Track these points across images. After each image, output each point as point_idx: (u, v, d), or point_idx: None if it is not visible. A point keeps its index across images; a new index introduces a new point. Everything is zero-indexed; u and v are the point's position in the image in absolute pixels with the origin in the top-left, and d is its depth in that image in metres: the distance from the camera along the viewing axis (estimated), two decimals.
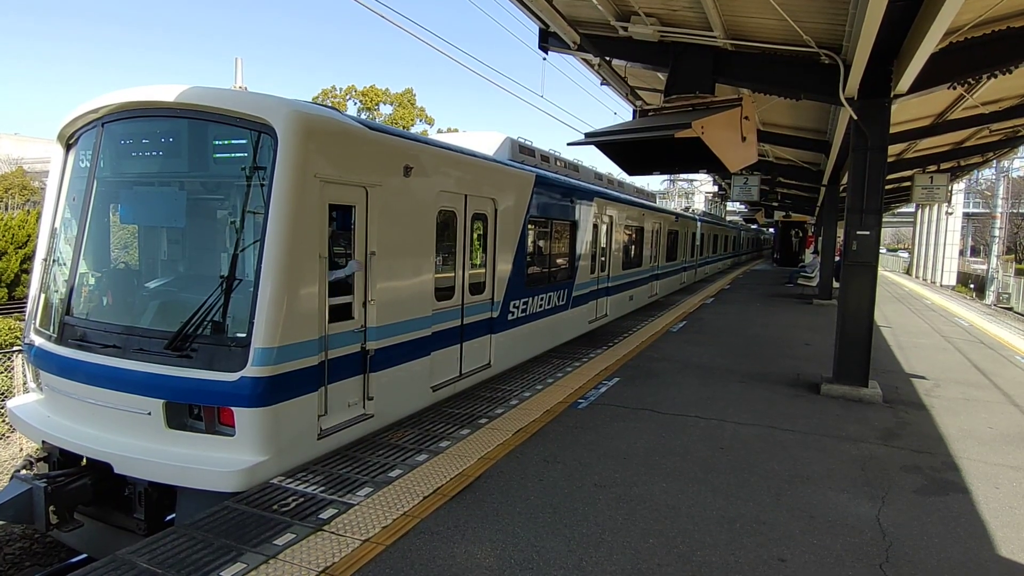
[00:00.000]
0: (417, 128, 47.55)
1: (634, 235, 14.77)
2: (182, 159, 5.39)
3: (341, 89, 48.40)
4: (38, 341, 5.52)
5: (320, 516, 4.20)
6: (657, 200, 21.42)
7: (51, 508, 4.65)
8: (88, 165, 5.52)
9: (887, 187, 8.17)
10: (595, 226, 11.46)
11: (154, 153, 5.50)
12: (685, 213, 24.79)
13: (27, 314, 5.86)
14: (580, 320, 11.18)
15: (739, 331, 12.86)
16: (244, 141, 4.86)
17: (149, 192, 5.59)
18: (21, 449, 9.23)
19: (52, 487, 4.67)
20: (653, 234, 16.37)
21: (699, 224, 24.62)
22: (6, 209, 38.79)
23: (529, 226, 8.69)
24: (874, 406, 7.38)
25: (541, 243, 9.58)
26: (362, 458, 5.20)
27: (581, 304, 11.10)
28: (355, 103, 48.42)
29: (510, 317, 8.31)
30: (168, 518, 4.92)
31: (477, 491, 4.68)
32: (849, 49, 7.09)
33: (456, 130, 52.80)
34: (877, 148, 7.45)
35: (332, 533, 3.99)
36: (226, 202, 5.15)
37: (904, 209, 42.38)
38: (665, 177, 55.18)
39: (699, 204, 52.08)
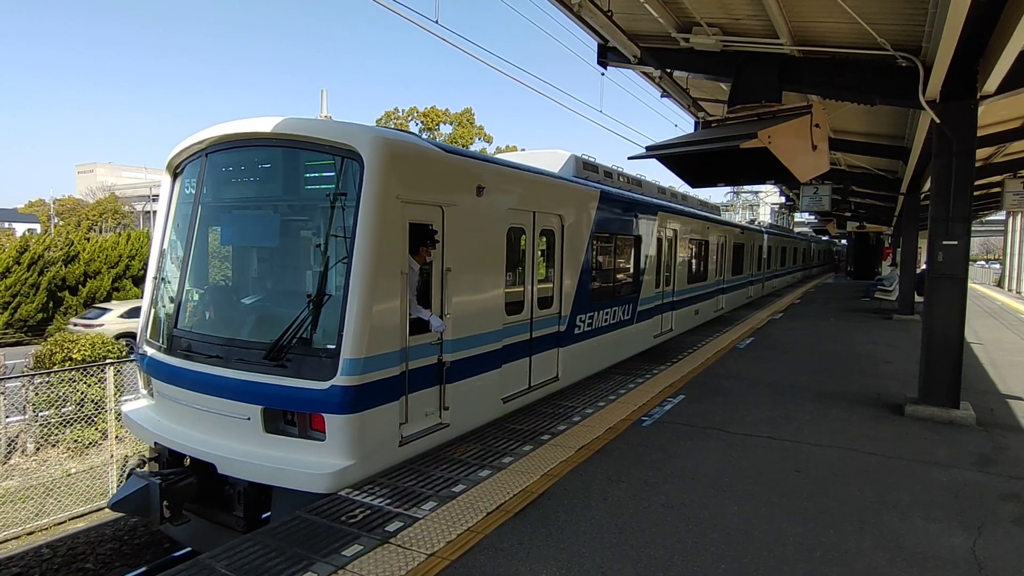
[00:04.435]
0: (476, 146, 48.46)
1: (699, 249, 14.53)
2: (277, 184, 5.90)
3: (403, 110, 50.01)
4: (150, 351, 5.99)
5: (386, 528, 4.27)
6: (720, 213, 20.90)
7: (164, 503, 5.08)
8: (193, 192, 6.02)
9: (974, 193, 7.64)
10: (659, 240, 11.39)
11: (252, 179, 6.04)
12: (751, 226, 24.10)
13: (139, 327, 6.36)
14: (645, 334, 11.08)
15: (812, 347, 12.28)
16: (332, 166, 5.22)
17: (247, 215, 6.08)
18: (131, 455, 9.86)
19: (165, 484, 5.10)
20: (718, 247, 16.04)
21: (766, 236, 23.85)
22: (100, 232, 42.03)
23: (594, 241, 8.74)
24: (966, 429, 6.85)
25: (606, 258, 9.59)
26: (426, 472, 5.26)
27: (646, 319, 11.00)
28: (417, 124, 49.88)
29: (576, 331, 8.33)
30: (264, 516, 5.24)
31: (541, 508, 4.63)
32: (929, 50, 6.72)
33: (515, 147, 53.50)
34: (963, 153, 6.98)
35: (398, 546, 4.04)
36: (316, 223, 5.46)
37: (993, 217, 39.53)
38: (728, 189, 53.76)
39: (764, 216, 50.38)
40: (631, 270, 10.44)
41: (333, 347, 4.85)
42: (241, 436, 5.10)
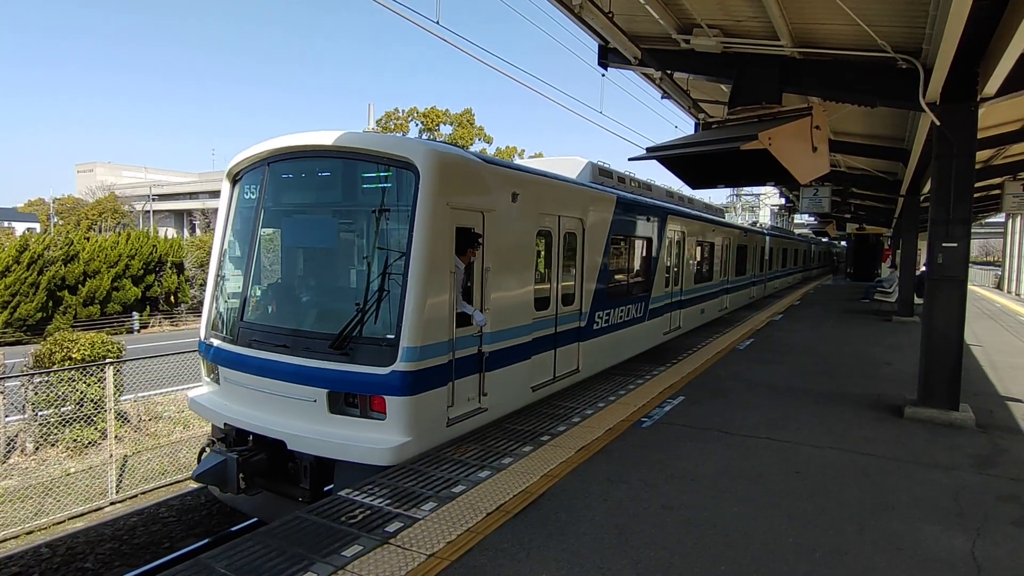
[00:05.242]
0: (476, 147, 48.43)
1: (705, 250, 14.93)
2: (337, 191, 6.43)
3: (404, 111, 50.01)
4: (215, 342, 6.49)
5: (386, 529, 4.26)
6: (724, 215, 21.04)
7: (241, 475, 5.63)
8: (254, 197, 6.57)
9: (974, 195, 7.65)
10: (668, 242, 11.82)
11: (313, 187, 6.56)
12: (753, 228, 24.32)
13: (203, 320, 6.87)
14: (656, 331, 11.49)
15: (811, 349, 12.28)
16: (390, 176, 5.76)
17: (309, 219, 6.64)
18: (130, 454, 9.84)
19: (241, 458, 5.66)
20: (723, 249, 16.41)
21: (767, 238, 23.99)
22: (100, 231, 42.00)
23: (611, 243, 9.18)
24: (966, 431, 6.86)
25: (621, 259, 10.04)
26: (426, 472, 5.26)
27: (657, 316, 11.43)
28: (417, 124, 49.85)
29: (595, 327, 8.77)
30: (327, 488, 5.66)
31: (541, 509, 4.63)
32: (930, 52, 6.73)
33: (514, 148, 53.42)
34: (963, 155, 6.99)
35: (398, 547, 4.04)
36: (375, 226, 5.86)
37: (993, 219, 39.56)
38: (729, 191, 53.76)
39: (765, 217, 50.40)
40: (643, 270, 10.87)
41: (392, 337, 5.37)
42: (308, 416, 5.61)
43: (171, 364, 11.89)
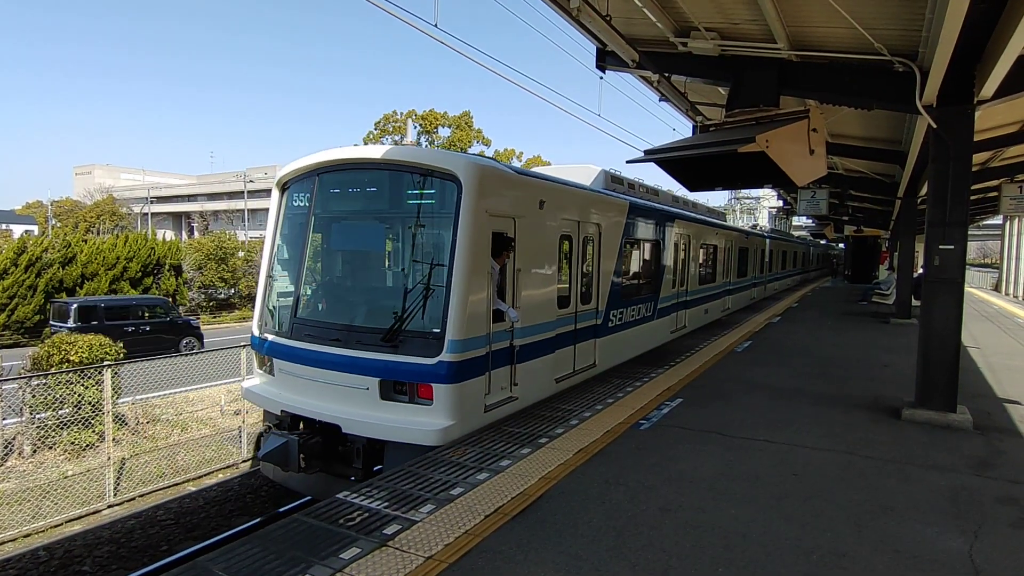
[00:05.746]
0: (475, 149, 48.46)
1: (709, 253, 15.35)
2: (384, 200, 6.97)
3: (402, 114, 50.02)
4: (270, 337, 7.03)
5: (384, 531, 4.26)
6: (725, 218, 21.19)
7: (301, 456, 6.16)
8: (303, 205, 7.13)
9: (971, 198, 7.67)
10: (675, 245, 12.27)
11: (362, 196, 7.13)
12: (754, 231, 24.59)
13: (255, 317, 7.36)
14: (664, 329, 11.98)
15: (810, 351, 12.30)
16: (434, 187, 6.29)
17: (358, 225, 7.25)
18: (128, 456, 9.81)
19: (301, 440, 6.20)
20: (725, 251, 16.79)
21: (767, 241, 24.15)
22: (98, 234, 41.94)
23: (624, 246, 9.69)
24: (964, 433, 6.87)
25: (633, 261, 10.60)
26: (424, 475, 5.26)
27: (665, 315, 11.92)
28: (415, 127, 49.84)
29: (610, 324, 9.31)
30: (376, 468, 6.21)
31: (539, 511, 4.63)
32: (926, 55, 6.75)
33: (513, 150, 53.42)
34: (960, 157, 7.00)
35: (396, 549, 4.04)
36: (421, 232, 6.36)
37: (991, 221, 39.63)
38: (729, 193, 53.82)
39: (763, 220, 50.49)
40: (653, 272, 11.35)
41: (439, 331, 5.91)
42: (360, 403, 6.15)
43: (169, 366, 11.87)
